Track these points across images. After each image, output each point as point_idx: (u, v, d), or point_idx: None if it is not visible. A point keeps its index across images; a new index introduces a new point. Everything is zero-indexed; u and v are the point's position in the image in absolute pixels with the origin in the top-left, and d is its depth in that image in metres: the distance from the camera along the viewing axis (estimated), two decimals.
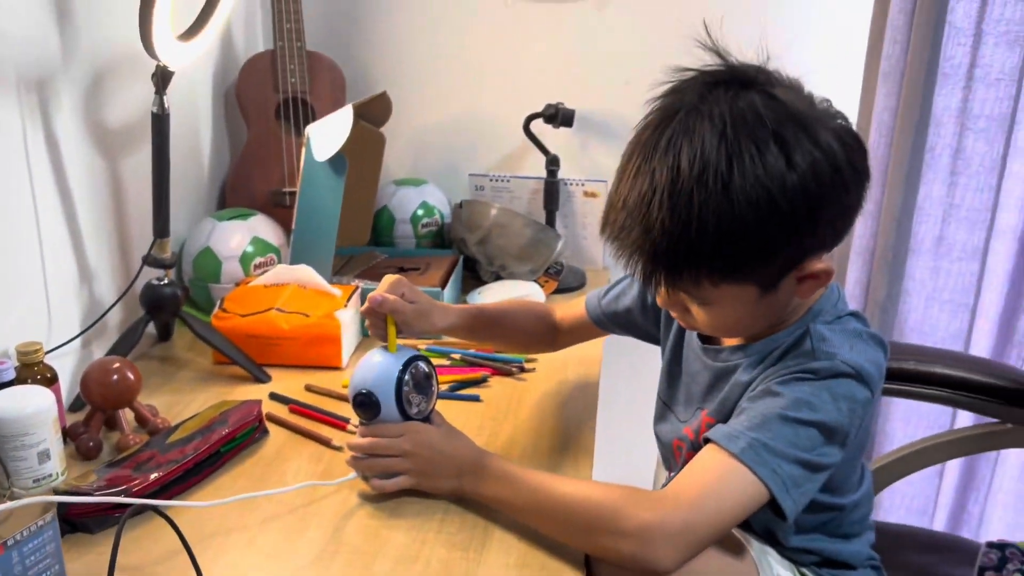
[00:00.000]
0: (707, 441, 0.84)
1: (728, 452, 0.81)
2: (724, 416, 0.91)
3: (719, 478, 0.81)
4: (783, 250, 0.82)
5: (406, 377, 0.95)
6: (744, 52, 0.85)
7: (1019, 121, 1.57)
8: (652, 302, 1.10)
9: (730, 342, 0.97)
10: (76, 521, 0.89)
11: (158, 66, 1.15)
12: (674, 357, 1.05)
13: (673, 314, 0.94)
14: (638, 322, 1.13)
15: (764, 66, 0.84)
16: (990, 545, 1.22)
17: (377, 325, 1.01)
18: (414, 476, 0.95)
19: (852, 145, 0.82)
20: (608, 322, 1.17)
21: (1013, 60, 1.52)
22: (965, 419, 1.71)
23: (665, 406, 1.06)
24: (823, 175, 0.79)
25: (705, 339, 0.99)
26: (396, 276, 1.03)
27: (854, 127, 0.85)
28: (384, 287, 1.01)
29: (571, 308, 1.22)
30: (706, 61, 0.85)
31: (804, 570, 0.95)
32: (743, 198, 0.77)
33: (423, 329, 1.05)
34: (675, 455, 1.02)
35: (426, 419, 0.99)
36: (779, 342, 0.90)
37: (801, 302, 0.90)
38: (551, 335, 1.22)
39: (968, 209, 1.62)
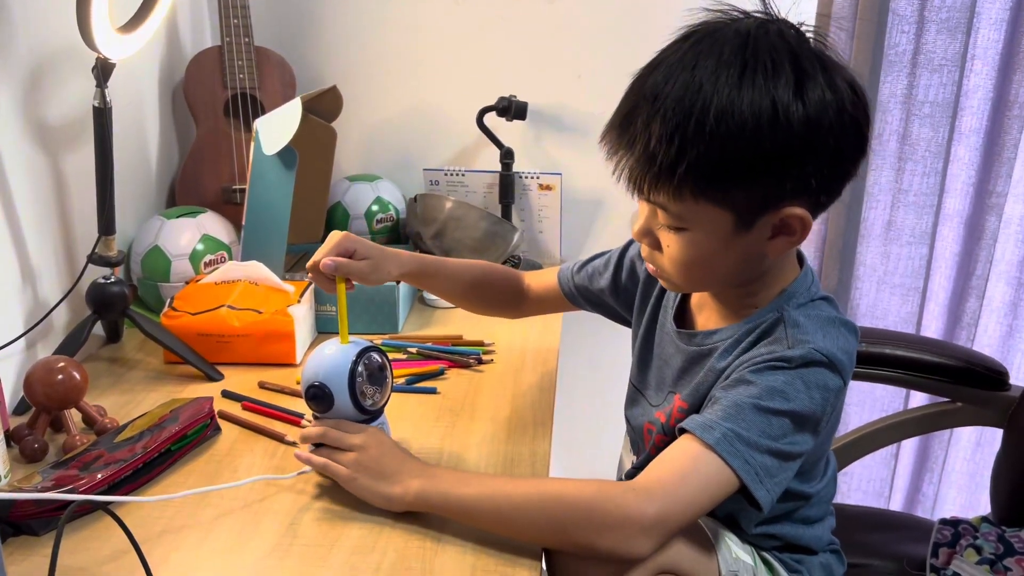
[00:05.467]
0: (682, 431, 0.84)
1: (703, 442, 0.81)
2: (698, 400, 0.91)
3: (693, 468, 0.81)
4: (769, 176, 0.81)
5: (359, 368, 0.94)
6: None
7: (962, 106, 1.60)
8: (624, 285, 1.10)
9: (704, 325, 0.97)
10: (20, 523, 0.86)
11: (98, 59, 1.12)
12: (646, 342, 1.04)
13: (644, 253, 0.93)
14: (609, 303, 1.13)
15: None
16: (943, 522, 1.24)
17: (325, 287, 1.00)
18: (354, 471, 0.90)
19: (860, 105, 0.83)
20: (580, 297, 1.16)
21: (955, 47, 1.56)
22: (917, 402, 1.74)
23: (636, 390, 1.06)
24: (828, 114, 0.80)
25: (679, 323, 0.99)
26: (342, 233, 1.00)
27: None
28: (330, 247, 0.98)
29: (541, 277, 1.20)
30: None
31: (765, 554, 0.96)
32: (747, 107, 0.78)
33: (381, 279, 1.03)
34: (645, 439, 1.02)
35: (381, 411, 0.98)
36: (753, 324, 0.90)
37: (771, 268, 0.90)
38: (516, 299, 1.21)
39: (916, 194, 1.65)
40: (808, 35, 0.83)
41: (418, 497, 0.88)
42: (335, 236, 1.00)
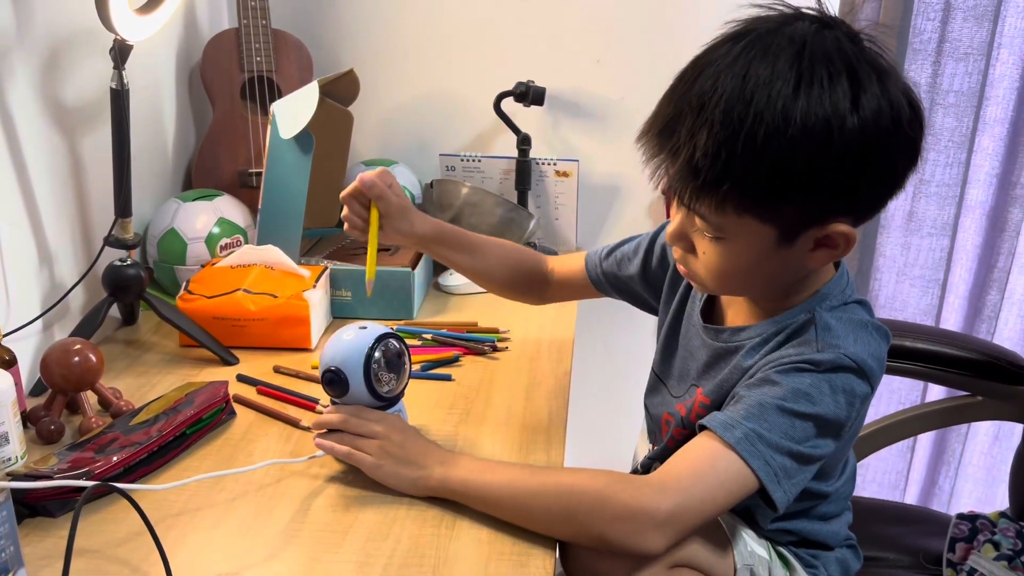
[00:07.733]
0: (702, 428, 0.83)
1: (723, 441, 0.80)
2: (721, 396, 0.89)
3: (711, 466, 0.80)
4: (819, 193, 0.78)
5: (376, 354, 0.93)
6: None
7: (988, 96, 1.58)
8: (654, 272, 1.08)
9: (733, 321, 0.95)
10: (37, 505, 0.86)
11: (116, 40, 1.12)
12: (672, 331, 1.03)
13: (676, 255, 0.91)
14: (638, 291, 1.11)
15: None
16: (961, 517, 1.23)
17: (357, 214, 1.00)
18: (379, 458, 0.91)
19: (915, 114, 0.79)
20: (607, 284, 1.14)
21: (981, 35, 1.53)
22: (935, 395, 1.72)
23: (658, 379, 1.05)
24: (883, 127, 0.76)
25: (707, 317, 0.98)
26: (382, 167, 1.02)
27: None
28: (371, 175, 1.00)
29: (567, 261, 1.18)
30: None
31: (781, 549, 0.95)
32: (800, 123, 0.74)
33: (402, 229, 1.03)
34: (663, 429, 1.01)
35: (398, 397, 0.98)
36: (783, 324, 0.88)
37: (808, 274, 0.88)
38: (540, 283, 1.18)
39: (938, 184, 1.63)
40: (864, 41, 0.79)
41: (440, 482, 0.88)
42: (374, 171, 1.02)
